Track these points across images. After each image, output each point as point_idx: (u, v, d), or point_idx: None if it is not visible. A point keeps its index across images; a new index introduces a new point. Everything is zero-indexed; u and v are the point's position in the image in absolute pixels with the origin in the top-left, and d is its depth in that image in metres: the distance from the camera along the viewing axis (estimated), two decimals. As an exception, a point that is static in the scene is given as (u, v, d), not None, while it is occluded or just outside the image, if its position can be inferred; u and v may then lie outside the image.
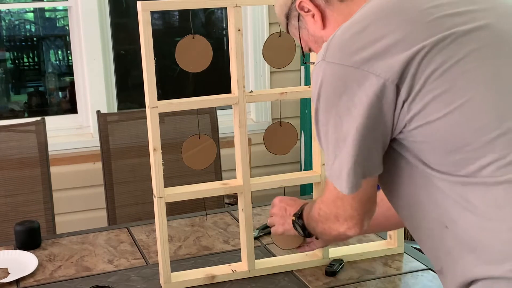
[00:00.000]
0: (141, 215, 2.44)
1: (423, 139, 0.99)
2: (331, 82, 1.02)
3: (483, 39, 0.98)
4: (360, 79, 0.98)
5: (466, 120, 0.95)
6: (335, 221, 1.19)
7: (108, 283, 1.65)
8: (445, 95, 0.96)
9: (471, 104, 0.95)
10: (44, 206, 2.38)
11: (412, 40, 0.97)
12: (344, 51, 1.01)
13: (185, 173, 2.17)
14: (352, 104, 1.00)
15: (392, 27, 0.99)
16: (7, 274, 1.70)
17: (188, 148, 1.62)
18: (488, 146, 0.94)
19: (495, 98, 0.96)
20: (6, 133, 2.39)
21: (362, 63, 0.99)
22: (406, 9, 1.02)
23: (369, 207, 1.16)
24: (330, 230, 1.22)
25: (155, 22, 3.84)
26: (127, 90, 3.62)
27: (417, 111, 0.98)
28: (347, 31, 1.03)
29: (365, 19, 1.03)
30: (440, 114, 0.96)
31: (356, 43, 1.00)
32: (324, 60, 1.03)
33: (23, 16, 3.82)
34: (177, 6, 1.58)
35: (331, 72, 1.02)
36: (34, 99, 3.72)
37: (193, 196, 1.63)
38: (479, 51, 0.97)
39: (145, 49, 1.47)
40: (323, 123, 1.07)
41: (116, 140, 2.53)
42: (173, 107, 1.57)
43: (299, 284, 1.61)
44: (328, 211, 1.21)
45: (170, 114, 2.40)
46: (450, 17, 0.99)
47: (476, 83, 0.96)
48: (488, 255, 0.96)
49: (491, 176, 0.94)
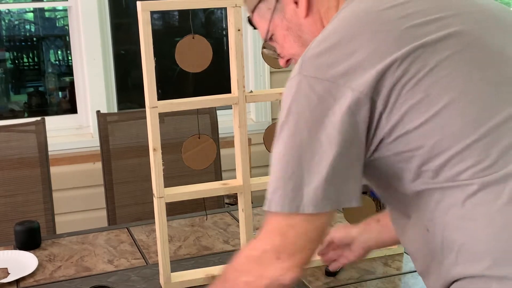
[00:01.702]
0: (141, 215, 2.44)
1: (403, 149, 0.99)
2: (306, 96, 1.00)
3: (454, 46, 0.98)
4: (335, 93, 0.97)
5: (442, 128, 0.96)
6: (272, 261, 1.00)
7: (108, 283, 1.65)
8: (421, 104, 0.96)
9: (446, 111, 0.95)
10: (44, 206, 2.38)
11: (383, 53, 0.97)
12: (319, 65, 1.00)
13: (185, 173, 2.17)
14: (326, 119, 0.97)
15: (364, 41, 0.99)
16: (7, 274, 1.70)
17: (188, 148, 1.62)
18: (465, 152, 0.95)
19: (469, 104, 0.96)
20: (6, 133, 2.39)
21: (337, 77, 0.97)
22: (376, 21, 1.02)
23: (317, 246, 1.03)
24: (260, 280, 1.02)
25: (155, 22, 3.84)
26: (127, 90, 3.62)
27: (395, 122, 0.97)
28: (322, 45, 1.02)
29: (337, 33, 1.02)
30: (417, 122, 0.96)
31: (330, 57, 0.99)
32: (300, 73, 1.01)
33: (23, 16, 3.82)
34: (177, 6, 1.58)
35: (306, 85, 1.00)
36: (34, 99, 3.72)
37: (193, 196, 1.63)
38: (451, 59, 0.97)
39: (145, 49, 1.47)
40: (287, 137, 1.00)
41: (116, 140, 2.53)
42: (173, 107, 1.57)
43: (299, 284, 1.61)
44: (264, 248, 1.02)
45: (170, 114, 2.40)
46: (419, 26, 0.99)
47: (450, 90, 0.96)
48: (466, 254, 0.97)
49: (469, 179, 0.95)
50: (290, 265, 1.00)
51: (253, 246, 1.06)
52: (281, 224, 1.00)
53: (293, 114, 1.00)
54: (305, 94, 0.99)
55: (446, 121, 0.96)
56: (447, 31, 0.99)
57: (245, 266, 1.06)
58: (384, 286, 1.59)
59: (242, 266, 1.07)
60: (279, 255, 1.00)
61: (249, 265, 1.05)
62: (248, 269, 1.05)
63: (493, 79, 0.99)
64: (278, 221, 1.01)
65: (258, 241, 1.04)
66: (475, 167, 0.95)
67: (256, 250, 1.04)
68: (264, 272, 1.01)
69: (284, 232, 1.00)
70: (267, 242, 1.02)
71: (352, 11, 1.06)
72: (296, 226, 0.99)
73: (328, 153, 0.97)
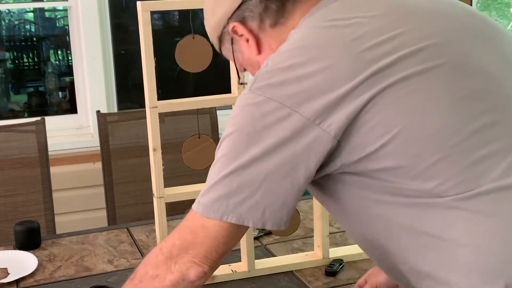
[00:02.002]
0: (141, 215, 2.44)
1: (365, 170, 0.97)
2: (251, 112, 0.98)
3: (411, 66, 0.94)
4: (281, 114, 0.95)
5: (403, 149, 0.93)
6: (182, 253, 1.02)
7: (108, 283, 1.65)
8: (378, 126, 0.93)
9: (406, 133, 0.93)
10: (44, 206, 2.38)
11: (336, 79, 0.94)
12: (269, 85, 0.98)
13: (185, 173, 2.17)
14: (267, 137, 0.96)
15: (317, 66, 0.96)
16: (7, 274, 1.70)
17: (188, 148, 1.62)
18: (430, 171, 0.93)
19: (430, 124, 0.93)
20: (6, 133, 2.40)
21: (286, 99, 0.95)
22: (328, 43, 0.98)
23: (227, 250, 1.04)
24: (166, 274, 1.03)
25: (155, 22, 3.84)
26: (127, 90, 3.62)
27: (355, 144, 0.95)
28: (275, 65, 1.00)
29: (292, 54, 0.99)
30: (377, 145, 0.94)
31: (282, 77, 0.97)
32: (251, 90, 1.00)
33: (23, 16, 3.82)
34: (177, 6, 1.58)
35: (253, 102, 0.98)
36: (34, 99, 3.72)
37: (193, 196, 1.62)
38: (408, 79, 0.94)
39: (145, 49, 1.47)
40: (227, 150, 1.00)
41: (116, 140, 2.53)
42: (173, 107, 1.57)
43: (299, 284, 1.61)
44: (176, 242, 1.03)
45: (170, 114, 2.40)
46: (374, 48, 0.95)
47: (408, 110, 0.93)
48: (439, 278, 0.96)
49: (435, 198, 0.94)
50: (196, 262, 1.01)
51: (165, 240, 1.07)
52: (196, 223, 1.02)
53: (238, 129, 0.99)
54: (251, 111, 0.98)
55: (408, 141, 0.93)
56: (403, 52, 0.95)
57: (154, 259, 1.06)
58: (384, 286, 1.59)
59: (152, 259, 1.06)
60: (187, 251, 1.01)
61: (158, 258, 1.05)
62: (157, 263, 1.05)
63: (456, 95, 0.95)
64: (194, 219, 1.02)
65: (171, 235, 1.06)
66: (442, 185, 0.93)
67: (167, 243, 1.05)
68: (171, 265, 1.02)
69: (196, 231, 1.01)
70: (178, 237, 1.04)
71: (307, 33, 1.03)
72: (209, 229, 1.00)
73: (260, 171, 0.96)
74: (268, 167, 0.96)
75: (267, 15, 1.10)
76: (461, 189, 0.92)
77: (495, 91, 0.98)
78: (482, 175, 0.92)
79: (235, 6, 1.11)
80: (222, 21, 1.15)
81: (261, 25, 1.11)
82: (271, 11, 1.09)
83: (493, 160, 0.93)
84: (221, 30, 1.17)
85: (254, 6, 1.10)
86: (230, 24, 1.13)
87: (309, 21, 1.05)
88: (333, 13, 1.03)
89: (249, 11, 1.11)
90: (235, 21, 1.12)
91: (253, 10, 1.10)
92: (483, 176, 0.92)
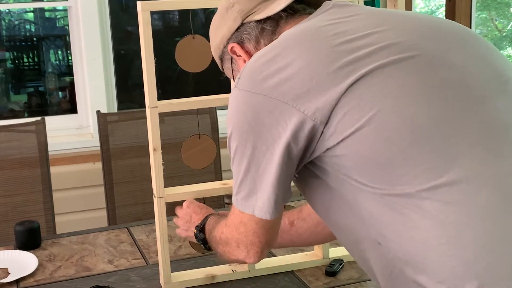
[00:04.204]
0: (141, 215, 2.44)
1: (343, 155, 1.00)
2: (242, 110, 1.05)
3: (386, 55, 1.00)
4: (269, 106, 1.02)
5: (376, 133, 0.97)
6: (235, 247, 1.18)
7: (108, 283, 1.65)
8: (354, 110, 0.97)
9: (379, 117, 0.96)
10: (44, 206, 2.38)
11: (315, 67, 1.00)
12: (253, 79, 1.04)
13: (185, 173, 2.18)
14: (264, 130, 1.03)
15: (297, 55, 1.02)
16: (7, 274, 1.70)
17: (188, 148, 1.62)
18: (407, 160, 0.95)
19: (403, 109, 0.97)
20: (6, 133, 2.40)
21: (270, 91, 1.02)
22: (311, 37, 1.05)
23: (272, 236, 1.15)
24: (230, 255, 1.23)
25: (155, 22, 3.84)
26: (127, 90, 3.62)
27: (334, 129, 0.99)
28: (258, 60, 1.07)
29: (275, 48, 1.07)
30: (353, 128, 0.98)
31: (264, 71, 1.04)
32: (236, 87, 1.07)
33: (23, 16, 3.81)
34: (177, 6, 1.58)
35: (242, 99, 1.06)
36: (34, 99, 3.72)
37: (193, 196, 1.63)
38: (384, 67, 0.99)
39: (145, 49, 1.47)
40: (235, 150, 1.09)
41: (116, 140, 2.53)
42: (173, 107, 1.57)
43: (299, 284, 1.61)
44: (229, 236, 1.20)
45: (170, 114, 2.40)
46: (352, 41, 1.02)
47: (383, 95, 0.97)
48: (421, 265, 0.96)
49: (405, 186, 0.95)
50: (247, 254, 1.17)
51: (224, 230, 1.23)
52: (238, 221, 1.15)
53: (235, 128, 1.07)
54: (241, 108, 1.05)
55: (380, 127, 0.96)
56: (381, 44, 1.01)
57: (221, 240, 1.25)
58: (384, 286, 1.59)
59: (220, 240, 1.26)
60: (238, 245, 1.17)
61: (223, 241, 1.24)
62: (223, 243, 1.24)
63: (429, 83, 0.99)
64: (237, 217, 1.15)
65: (227, 228, 1.21)
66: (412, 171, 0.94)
67: (225, 234, 1.22)
68: (232, 251, 1.20)
69: (239, 229, 1.15)
70: (230, 231, 1.19)
71: (291, 31, 1.10)
72: (247, 224, 1.13)
73: (272, 163, 1.04)
74: (275, 160, 1.03)
75: (262, 36, 1.19)
76: (431, 176, 0.93)
77: (470, 83, 1.01)
78: (452, 163, 0.94)
79: (234, 28, 1.21)
80: (222, 42, 1.25)
81: (257, 46, 1.20)
82: (267, 33, 1.19)
83: (464, 148, 0.94)
84: (222, 50, 1.27)
85: (251, 28, 1.19)
86: (229, 44, 1.23)
87: (294, 28, 1.12)
88: (319, 20, 1.10)
89: (246, 33, 1.20)
90: (233, 42, 1.22)
91: (250, 32, 1.20)
92: (453, 163, 0.94)
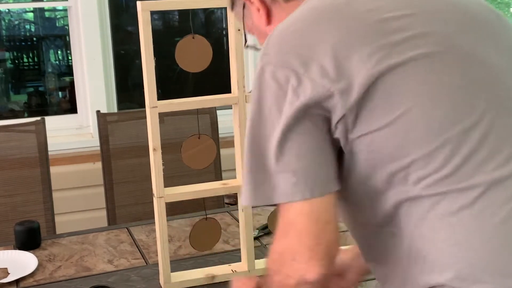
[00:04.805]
0: (141, 215, 2.44)
1: (367, 150, 0.95)
2: (268, 84, 0.96)
3: (421, 46, 0.94)
4: (294, 81, 0.94)
5: (405, 131, 0.93)
6: (291, 262, 0.96)
7: (108, 283, 1.65)
8: (385, 105, 0.92)
9: (409, 115, 0.92)
10: (44, 206, 2.38)
11: (349, 46, 0.93)
12: (280, 52, 0.97)
13: (185, 173, 2.17)
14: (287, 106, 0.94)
15: (328, 31, 0.95)
16: (7, 274, 1.70)
17: (188, 148, 1.62)
18: (426, 159, 0.92)
19: (434, 109, 0.93)
20: (6, 133, 2.39)
21: (297, 66, 0.94)
22: (342, 11, 0.97)
23: (330, 236, 0.96)
24: (288, 280, 0.97)
25: (155, 22, 3.84)
26: (127, 90, 3.62)
27: (359, 119, 0.93)
28: (284, 32, 0.98)
29: (301, 21, 0.98)
30: (382, 123, 0.93)
31: (292, 44, 0.96)
32: (262, 61, 0.99)
33: (23, 16, 3.81)
34: (177, 6, 1.58)
35: (268, 73, 0.97)
36: (34, 99, 3.72)
37: (193, 196, 1.63)
38: (418, 61, 0.93)
39: (145, 49, 1.47)
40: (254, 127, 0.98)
41: (116, 140, 2.53)
42: (173, 107, 1.57)
43: (299, 284, 1.61)
44: (280, 250, 0.98)
45: (170, 114, 2.40)
46: (386, 22, 0.95)
47: (414, 93, 0.93)
48: (430, 265, 0.95)
49: (430, 188, 0.93)
50: (306, 264, 0.94)
51: (273, 247, 1.01)
52: (284, 223, 0.97)
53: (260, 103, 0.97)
54: (267, 83, 0.96)
55: (409, 125, 0.92)
56: (413, 31, 0.95)
57: (273, 265, 1.01)
58: (384, 286, 1.59)
59: (271, 264, 1.02)
60: (294, 256, 0.96)
61: (275, 264, 1.00)
62: (276, 271, 1.00)
63: (461, 83, 0.94)
64: (282, 220, 0.97)
65: (275, 242, 1.00)
66: (435, 174, 0.92)
67: (275, 252, 1.00)
68: (288, 271, 0.97)
69: (288, 233, 0.96)
70: (279, 244, 0.99)
71: (317, 2, 1.01)
72: (296, 222, 0.95)
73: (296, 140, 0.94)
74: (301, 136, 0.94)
75: None
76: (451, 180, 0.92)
77: (504, 82, 0.98)
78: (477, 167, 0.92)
79: None
80: None
81: (274, 3, 1.10)
82: None
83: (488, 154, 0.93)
84: None
85: None
86: None
87: None
88: None
89: None
90: None
91: None
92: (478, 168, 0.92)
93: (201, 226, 1.68)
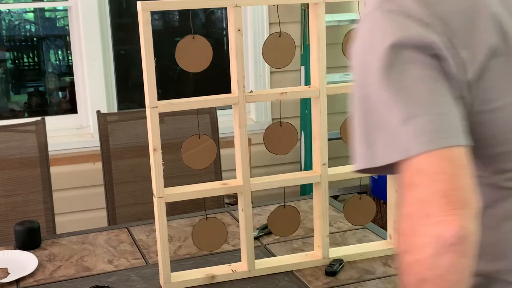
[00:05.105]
0: (141, 215, 2.44)
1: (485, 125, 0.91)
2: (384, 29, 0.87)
3: None
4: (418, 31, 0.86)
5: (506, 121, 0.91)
6: (423, 221, 0.80)
7: (108, 283, 1.65)
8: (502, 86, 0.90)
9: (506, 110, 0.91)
10: (44, 206, 2.37)
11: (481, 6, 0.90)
12: None
13: (185, 173, 2.17)
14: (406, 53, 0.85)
15: None
16: (7, 274, 1.70)
17: (188, 148, 1.62)
18: None
19: None
20: (6, 133, 2.39)
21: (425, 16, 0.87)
22: None
23: (467, 181, 0.81)
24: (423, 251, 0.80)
25: (155, 22, 3.84)
26: (127, 90, 3.62)
27: (482, 90, 0.88)
28: None
29: None
30: (502, 103, 0.89)
31: None
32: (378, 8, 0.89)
33: (23, 16, 3.82)
34: (177, 6, 1.58)
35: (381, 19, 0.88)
36: (34, 99, 3.72)
37: (193, 196, 1.63)
38: None
39: (145, 49, 1.47)
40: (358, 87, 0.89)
41: (116, 140, 2.53)
42: (173, 107, 1.57)
43: (299, 284, 1.61)
44: (408, 211, 0.82)
45: (170, 114, 2.40)
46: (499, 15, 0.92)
47: None
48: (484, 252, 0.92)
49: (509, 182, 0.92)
50: (439, 219, 0.79)
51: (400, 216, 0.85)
52: (408, 176, 0.83)
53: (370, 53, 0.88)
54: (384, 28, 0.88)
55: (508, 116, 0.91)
56: None
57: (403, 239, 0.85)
58: (384, 286, 1.59)
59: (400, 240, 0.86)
60: (425, 211, 0.80)
61: (404, 236, 0.84)
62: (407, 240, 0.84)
63: None
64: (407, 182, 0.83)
65: (402, 208, 0.84)
66: None
67: (401, 221, 0.84)
68: (422, 237, 0.80)
69: (414, 185, 0.82)
70: (405, 204, 0.83)
71: None
72: (423, 174, 0.81)
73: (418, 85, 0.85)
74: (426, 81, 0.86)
75: None
76: None
77: None
78: None
79: None
80: None
81: None
82: None
83: None
84: None
85: None
86: None
87: None
88: None
89: None
90: None
91: None
92: None
93: (203, 225, 1.68)
